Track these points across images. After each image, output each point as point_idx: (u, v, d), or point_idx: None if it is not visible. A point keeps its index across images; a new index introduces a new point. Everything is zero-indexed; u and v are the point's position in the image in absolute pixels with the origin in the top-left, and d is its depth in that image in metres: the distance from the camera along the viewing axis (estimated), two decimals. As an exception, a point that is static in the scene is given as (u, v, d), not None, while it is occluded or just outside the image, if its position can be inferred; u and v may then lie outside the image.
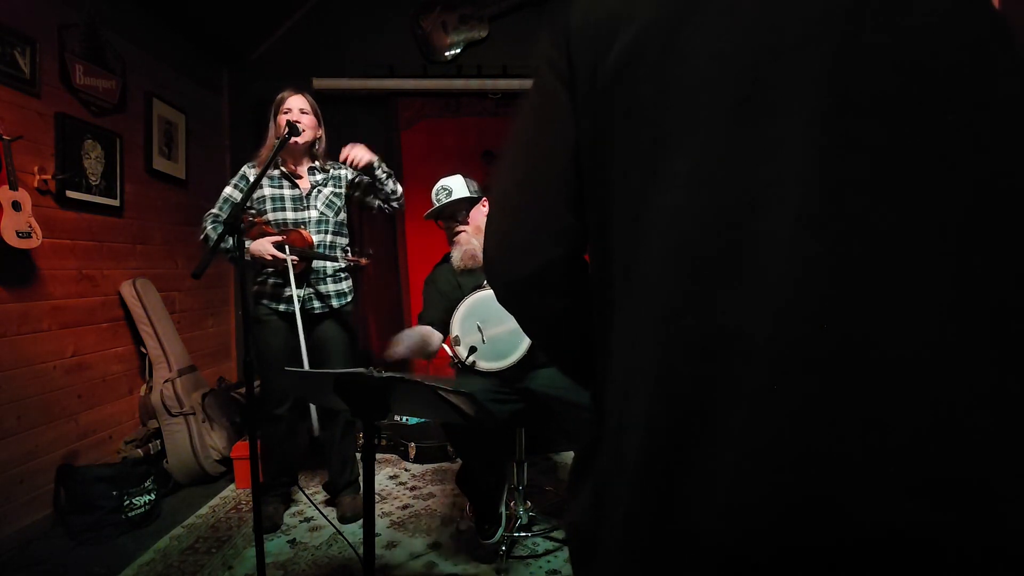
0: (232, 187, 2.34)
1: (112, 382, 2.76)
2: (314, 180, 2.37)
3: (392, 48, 3.91)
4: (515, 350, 1.99)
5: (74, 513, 2.27)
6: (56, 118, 2.43)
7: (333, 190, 2.40)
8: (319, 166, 2.39)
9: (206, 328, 3.63)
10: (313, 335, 2.36)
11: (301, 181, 2.35)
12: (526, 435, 2.19)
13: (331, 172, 2.42)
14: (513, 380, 2.02)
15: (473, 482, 2.06)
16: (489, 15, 3.92)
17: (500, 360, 2.01)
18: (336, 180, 2.42)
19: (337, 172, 2.43)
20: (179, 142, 3.33)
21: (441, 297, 2.17)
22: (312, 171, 2.38)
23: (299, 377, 1.55)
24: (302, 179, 2.36)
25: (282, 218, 2.31)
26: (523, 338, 1.99)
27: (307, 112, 2.33)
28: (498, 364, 2.01)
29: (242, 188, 2.32)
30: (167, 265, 3.22)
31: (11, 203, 2.11)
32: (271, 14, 3.81)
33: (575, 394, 1.91)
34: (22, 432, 2.25)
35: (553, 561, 2.05)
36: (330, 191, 2.39)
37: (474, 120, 3.90)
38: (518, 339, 1.98)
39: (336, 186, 2.41)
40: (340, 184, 2.42)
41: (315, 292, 2.33)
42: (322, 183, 2.38)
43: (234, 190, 2.33)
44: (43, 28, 2.37)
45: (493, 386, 1.99)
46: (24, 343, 2.27)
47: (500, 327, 2.02)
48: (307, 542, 2.24)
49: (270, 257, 2.16)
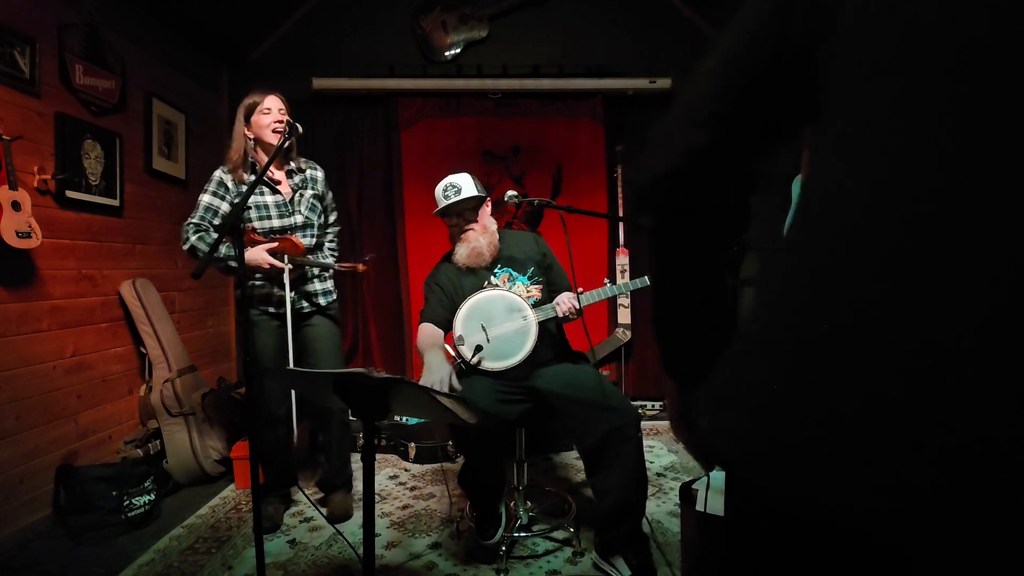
0: (211, 195, 2.24)
1: (112, 382, 2.76)
2: (293, 184, 2.34)
3: (392, 48, 3.91)
4: (519, 350, 2.00)
5: (74, 513, 2.27)
6: (56, 118, 2.43)
7: (313, 191, 2.38)
8: (295, 167, 2.35)
9: (206, 328, 3.63)
10: (302, 334, 2.37)
11: (281, 186, 2.31)
12: (526, 435, 2.19)
13: (307, 173, 2.40)
14: (519, 379, 2.02)
15: (475, 482, 2.06)
16: (489, 15, 3.92)
17: (505, 359, 2.01)
18: (313, 181, 2.40)
19: (314, 173, 2.41)
20: (179, 142, 3.33)
21: (443, 294, 2.17)
22: (290, 174, 2.35)
23: (299, 377, 1.55)
24: (282, 183, 2.32)
25: (268, 226, 2.25)
26: (527, 337, 1.99)
27: (284, 111, 2.26)
28: (503, 363, 2.01)
29: (222, 195, 2.25)
30: (167, 265, 3.22)
31: (11, 203, 2.11)
32: (271, 14, 3.81)
33: (578, 391, 1.91)
34: (22, 432, 2.25)
35: (553, 561, 2.05)
36: (311, 194, 2.37)
37: (474, 120, 3.90)
38: (522, 338, 1.99)
39: (314, 187, 2.39)
40: (317, 185, 2.40)
41: (303, 292, 2.33)
42: (301, 185, 2.36)
43: (214, 198, 2.24)
44: (43, 28, 2.37)
45: (501, 386, 2.00)
46: (24, 343, 2.27)
47: (504, 326, 2.02)
48: (307, 542, 2.23)
49: (267, 266, 2.15)
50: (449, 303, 2.14)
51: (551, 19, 3.96)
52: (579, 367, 2.09)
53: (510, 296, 2.08)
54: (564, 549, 2.12)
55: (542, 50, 3.93)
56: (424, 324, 2.14)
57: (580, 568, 2.00)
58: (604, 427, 1.84)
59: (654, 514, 2.40)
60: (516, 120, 3.91)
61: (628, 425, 1.84)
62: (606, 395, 1.90)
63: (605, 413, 1.85)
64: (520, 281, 2.12)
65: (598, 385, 1.94)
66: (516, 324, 2.03)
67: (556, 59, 3.90)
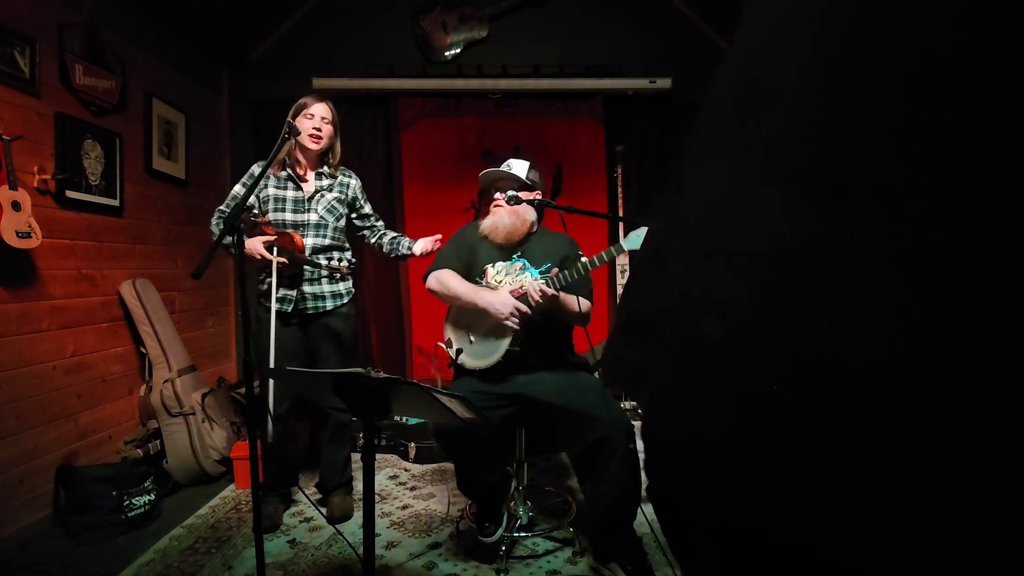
0: (240, 185, 2.37)
1: (112, 382, 2.76)
2: (319, 184, 2.38)
3: (392, 48, 3.91)
4: (496, 351, 2.02)
5: (74, 513, 2.27)
6: (56, 118, 2.43)
7: (338, 196, 2.41)
8: (327, 172, 2.40)
9: (206, 328, 3.63)
10: (307, 335, 2.37)
11: (306, 184, 2.37)
12: (526, 435, 2.20)
13: (339, 179, 2.43)
14: (501, 382, 2.03)
15: (474, 483, 2.06)
16: (489, 15, 3.92)
17: (484, 359, 2.05)
18: (343, 187, 2.43)
19: (346, 180, 2.44)
20: (179, 142, 3.33)
21: (462, 249, 2.19)
22: (319, 176, 2.39)
23: (298, 377, 1.55)
24: (307, 182, 2.37)
25: (281, 219, 2.32)
26: (504, 339, 2.02)
27: (328, 121, 2.34)
28: (482, 363, 2.05)
29: (248, 185, 2.35)
30: (167, 265, 3.22)
31: (11, 203, 2.11)
32: (271, 14, 3.81)
33: (567, 400, 1.91)
34: (22, 432, 2.25)
35: (553, 561, 2.05)
36: (334, 196, 2.40)
37: (474, 120, 3.90)
38: (500, 340, 2.02)
39: (342, 192, 2.42)
40: (346, 191, 2.43)
41: (309, 293, 2.33)
42: (327, 188, 2.39)
43: (241, 187, 2.36)
44: (43, 28, 2.37)
45: (483, 391, 2.01)
46: (24, 343, 2.27)
47: (483, 330, 2.07)
48: (307, 542, 2.23)
49: (259, 256, 2.18)
50: (466, 258, 2.17)
51: (551, 19, 3.96)
52: (574, 375, 2.07)
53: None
54: (564, 549, 2.12)
55: (542, 50, 3.93)
56: (444, 271, 2.13)
57: (580, 568, 2.00)
58: (591, 437, 1.83)
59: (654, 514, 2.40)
60: (516, 120, 3.91)
61: (614, 437, 1.81)
62: (596, 405, 1.88)
63: (592, 423, 1.84)
64: (530, 273, 2.11)
65: (590, 394, 1.93)
66: (493, 327, 2.04)
67: (556, 59, 3.90)
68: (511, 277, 2.09)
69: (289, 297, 2.29)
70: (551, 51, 3.94)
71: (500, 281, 2.10)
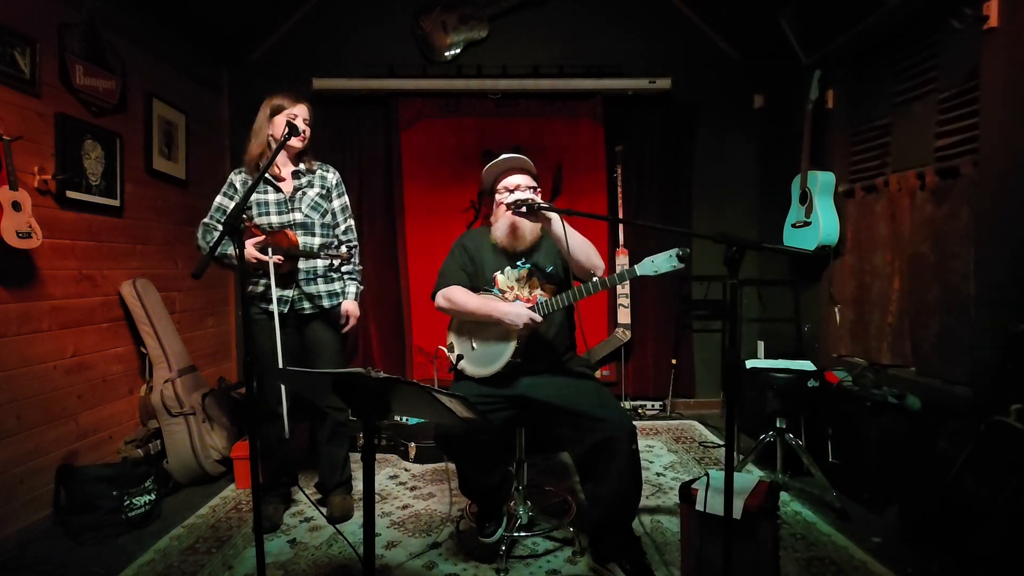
0: (222, 195, 2.35)
1: (112, 382, 2.76)
2: (297, 183, 2.36)
3: (392, 48, 3.91)
4: (499, 359, 2.01)
5: (74, 513, 2.27)
6: (56, 118, 2.43)
7: (319, 191, 2.39)
8: (304, 168, 2.38)
9: (206, 328, 3.64)
10: (304, 335, 2.37)
11: (284, 184, 2.34)
12: (529, 436, 2.20)
13: (317, 173, 2.41)
14: (503, 387, 2.03)
15: (475, 485, 2.06)
16: (489, 15, 3.93)
17: (484, 367, 2.04)
18: (322, 182, 2.41)
19: (324, 174, 2.43)
20: (179, 142, 3.33)
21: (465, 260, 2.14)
22: (296, 174, 2.37)
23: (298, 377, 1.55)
24: (284, 181, 2.35)
25: (267, 223, 2.30)
26: (507, 348, 1.99)
27: (309, 122, 2.34)
28: (482, 371, 2.04)
29: (231, 196, 2.34)
30: (167, 265, 3.23)
31: (11, 203, 2.11)
32: (271, 14, 3.82)
33: (568, 401, 1.91)
34: (22, 432, 2.25)
35: (553, 561, 2.05)
36: (315, 193, 2.38)
37: (474, 120, 3.90)
38: (503, 349, 2.00)
39: (322, 187, 2.41)
40: (326, 186, 2.42)
41: (305, 292, 2.33)
42: (306, 185, 2.37)
43: (224, 198, 2.34)
44: (43, 28, 2.37)
45: (485, 393, 2.00)
46: (24, 343, 2.27)
47: (487, 337, 2.06)
48: (307, 542, 2.24)
49: (255, 260, 2.17)
50: (470, 268, 2.13)
51: (551, 19, 3.96)
52: (576, 376, 2.07)
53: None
54: (564, 549, 2.12)
55: (542, 50, 3.94)
56: (452, 287, 2.08)
57: (580, 568, 2.00)
58: (593, 439, 1.83)
59: (654, 514, 2.41)
60: (516, 120, 3.91)
61: (617, 438, 1.81)
62: (598, 406, 1.88)
63: (595, 424, 1.84)
64: (538, 278, 2.11)
65: (592, 396, 1.93)
66: (497, 336, 2.03)
67: (556, 59, 3.91)
68: (520, 284, 2.10)
69: (285, 298, 2.29)
70: (551, 51, 3.94)
71: (511, 287, 2.09)
